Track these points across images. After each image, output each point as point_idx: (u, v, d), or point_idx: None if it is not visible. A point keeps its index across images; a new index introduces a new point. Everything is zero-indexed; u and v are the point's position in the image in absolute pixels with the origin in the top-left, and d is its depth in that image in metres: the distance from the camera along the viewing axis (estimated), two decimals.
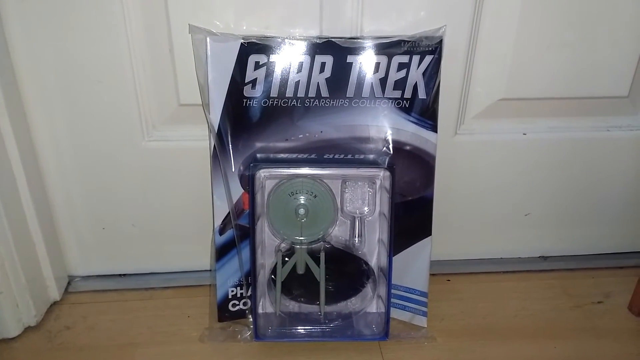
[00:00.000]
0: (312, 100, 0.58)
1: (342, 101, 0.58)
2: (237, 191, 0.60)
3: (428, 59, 0.57)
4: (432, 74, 0.57)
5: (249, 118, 0.58)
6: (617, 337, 0.65)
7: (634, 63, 0.66)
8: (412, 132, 0.59)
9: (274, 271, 0.62)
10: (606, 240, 0.79)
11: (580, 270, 0.77)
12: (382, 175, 0.59)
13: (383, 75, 0.57)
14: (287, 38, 0.56)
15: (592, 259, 0.79)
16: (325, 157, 0.60)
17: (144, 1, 0.57)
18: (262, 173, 0.58)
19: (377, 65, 0.57)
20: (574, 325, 0.67)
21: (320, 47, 0.56)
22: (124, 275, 0.74)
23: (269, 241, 0.62)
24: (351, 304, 0.65)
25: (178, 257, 0.73)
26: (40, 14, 0.56)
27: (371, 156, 0.60)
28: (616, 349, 0.63)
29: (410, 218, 0.62)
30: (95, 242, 0.71)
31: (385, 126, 0.59)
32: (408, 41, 0.56)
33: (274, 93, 0.57)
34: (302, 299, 0.64)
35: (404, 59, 0.57)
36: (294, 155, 0.59)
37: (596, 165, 0.72)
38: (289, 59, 0.56)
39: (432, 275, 0.66)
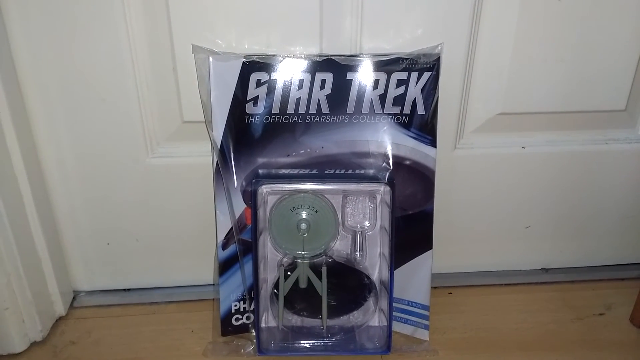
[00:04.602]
0: (313, 116, 0.59)
1: (342, 117, 0.59)
2: (240, 206, 0.61)
3: (426, 75, 0.58)
4: (430, 90, 0.58)
5: (251, 134, 0.59)
6: (619, 349, 0.65)
7: (630, 76, 0.67)
8: (412, 147, 0.60)
9: (276, 285, 0.62)
10: (607, 252, 0.79)
11: (581, 282, 0.77)
12: (382, 190, 0.60)
13: (382, 92, 0.58)
14: (287, 56, 0.57)
15: (593, 271, 0.79)
16: (326, 172, 0.60)
17: (148, 22, 0.58)
18: (264, 189, 0.59)
19: (377, 82, 0.58)
20: (575, 338, 0.67)
21: (321, 64, 0.57)
22: (128, 290, 0.75)
23: (271, 256, 0.63)
24: (353, 318, 0.65)
25: (181, 271, 0.74)
26: (45, 33, 0.57)
27: (371, 171, 0.61)
28: None
29: (411, 232, 0.63)
30: (99, 257, 0.72)
31: (385, 141, 0.60)
32: (406, 58, 0.57)
33: (275, 110, 0.58)
34: (304, 313, 0.64)
35: (403, 75, 0.58)
36: (296, 171, 0.60)
37: (595, 178, 0.73)
38: (289, 77, 0.57)
39: (433, 288, 0.66)
